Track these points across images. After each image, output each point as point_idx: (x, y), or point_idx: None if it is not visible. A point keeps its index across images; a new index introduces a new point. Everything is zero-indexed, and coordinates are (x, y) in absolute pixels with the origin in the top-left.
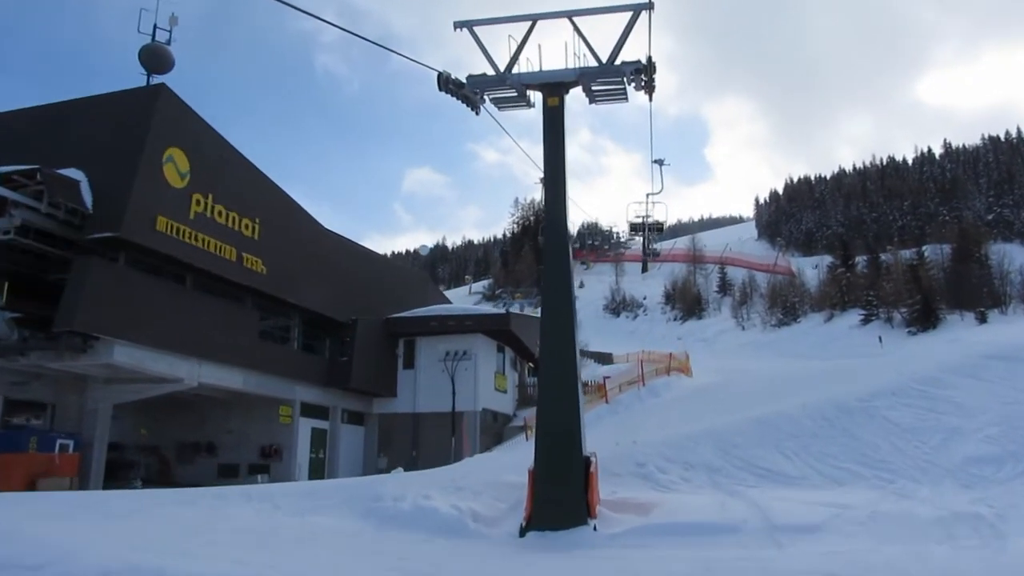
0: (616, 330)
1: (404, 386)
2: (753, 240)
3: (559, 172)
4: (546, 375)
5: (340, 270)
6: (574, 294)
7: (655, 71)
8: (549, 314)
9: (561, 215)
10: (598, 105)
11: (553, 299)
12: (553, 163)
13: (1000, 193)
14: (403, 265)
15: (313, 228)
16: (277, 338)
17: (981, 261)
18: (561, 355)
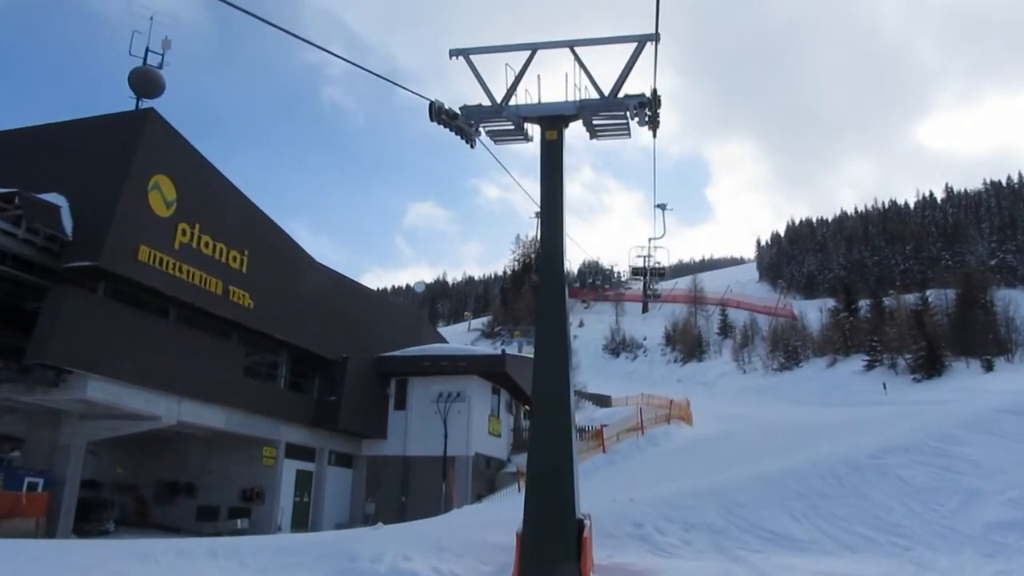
0: (615, 371)
1: (395, 428)
2: (754, 282)
3: (557, 209)
4: (538, 426)
5: (331, 306)
6: (570, 337)
7: (660, 105)
8: (543, 360)
9: (558, 254)
10: (599, 140)
11: (547, 343)
12: (550, 199)
13: (1003, 238)
14: (397, 302)
15: (304, 262)
16: (263, 375)
17: (986, 307)
18: (554, 405)
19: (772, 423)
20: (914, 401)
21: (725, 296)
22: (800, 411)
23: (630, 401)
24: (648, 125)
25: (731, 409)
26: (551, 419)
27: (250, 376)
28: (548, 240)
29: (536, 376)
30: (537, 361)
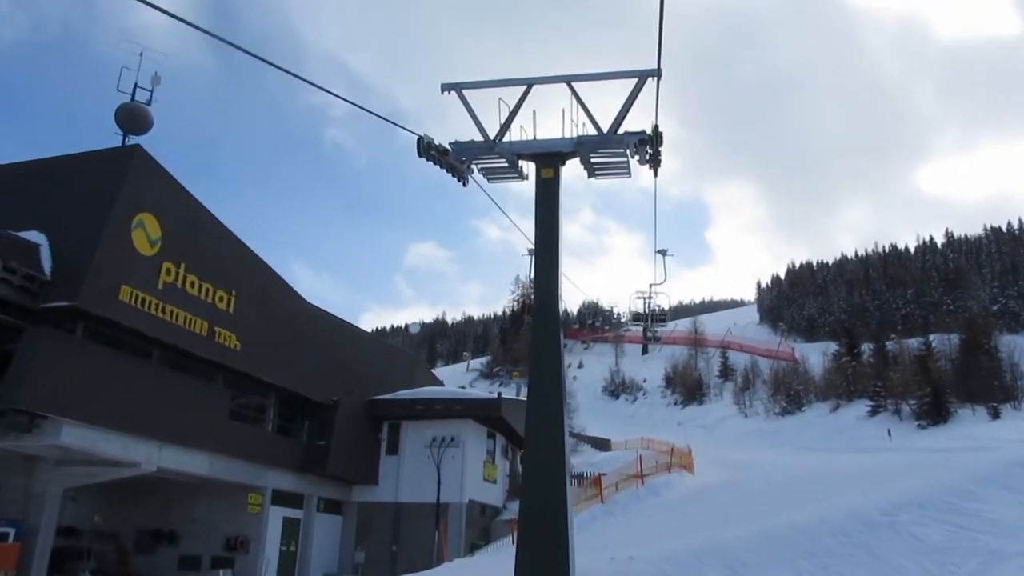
0: (615, 413)
1: (386, 473)
2: (755, 324)
3: (552, 250)
4: (531, 475)
5: (322, 347)
6: (565, 380)
7: (661, 143)
8: (536, 404)
9: (553, 295)
10: (598, 179)
11: (541, 387)
12: (546, 240)
13: (1005, 284)
14: (391, 344)
15: (294, 302)
16: (250, 419)
17: (991, 353)
18: (548, 452)
19: (777, 472)
20: (920, 449)
21: (725, 338)
22: (804, 457)
23: (630, 445)
24: (649, 164)
25: (733, 454)
26: (544, 467)
27: (236, 420)
28: (542, 282)
29: (529, 421)
30: (530, 405)
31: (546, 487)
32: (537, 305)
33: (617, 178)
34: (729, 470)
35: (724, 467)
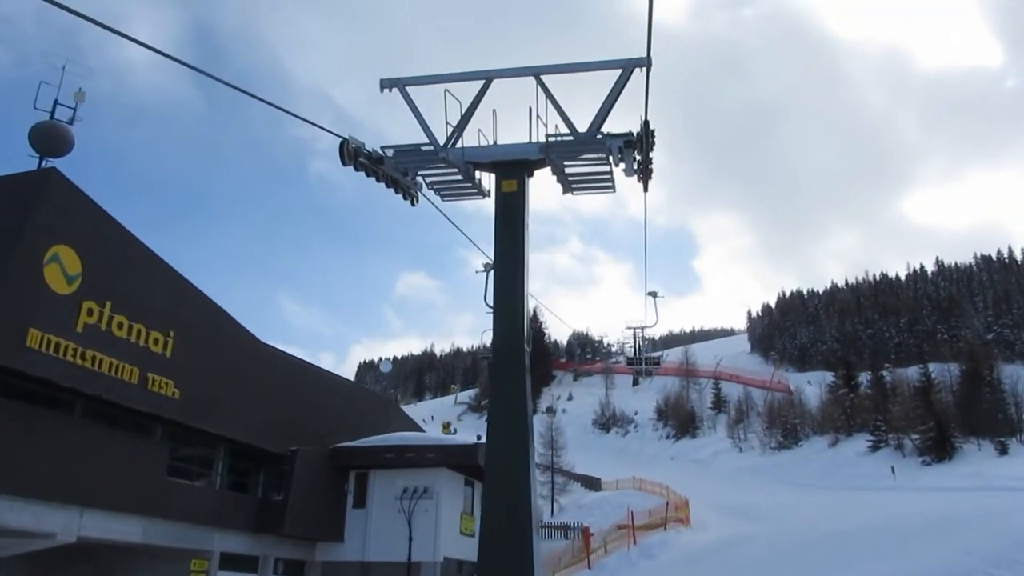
0: (605, 447)
1: (353, 529)
2: (746, 354)
3: (516, 275)
4: (490, 532)
5: (280, 392)
6: (531, 422)
7: (653, 147)
8: (497, 454)
9: (517, 332)
10: (576, 195)
11: (503, 433)
12: (509, 264)
13: (999, 313)
14: (360, 385)
15: (246, 342)
16: (194, 475)
17: (993, 385)
18: (512, 506)
19: (783, 523)
20: (927, 488)
21: (718, 369)
22: (805, 497)
23: (621, 485)
24: (637, 175)
25: (731, 495)
26: (507, 523)
27: (177, 477)
28: (505, 313)
29: (489, 475)
30: (490, 455)
31: (509, 541)
32: (497, 342)
33: (599, 193)
34: (729, 518)
35: (723, 512)
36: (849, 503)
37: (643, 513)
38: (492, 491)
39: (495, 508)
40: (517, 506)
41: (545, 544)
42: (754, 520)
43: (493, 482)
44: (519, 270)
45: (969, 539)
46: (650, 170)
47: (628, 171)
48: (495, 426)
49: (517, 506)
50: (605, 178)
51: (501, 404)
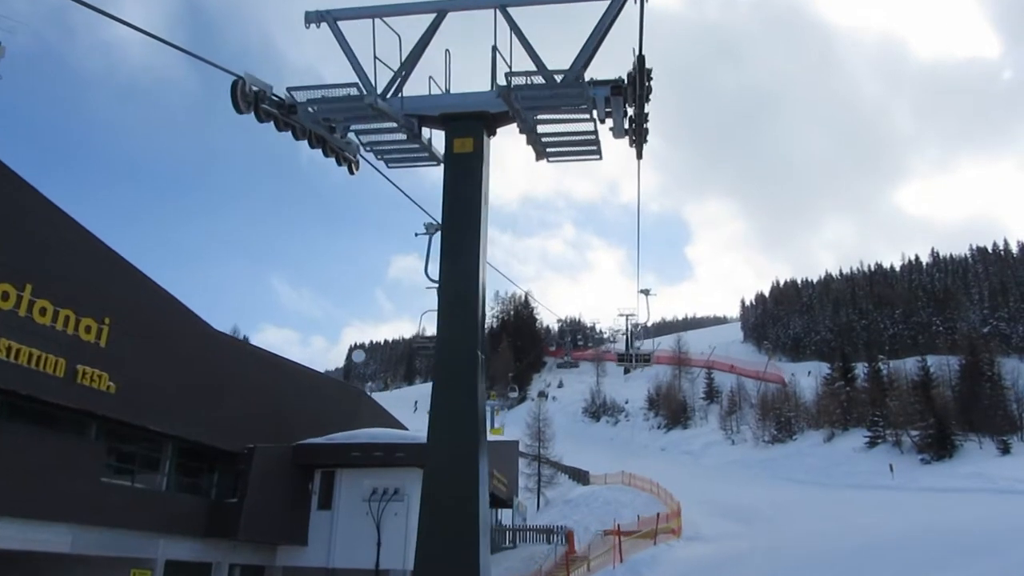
0: (595, 436)
1: (318, 532)
2: (739, 343)
3: (470, 264)
4: (427, 549)
5: (236, 384)
6: (484, 422)
7: (649, 95)
8: (440, 457)
9: (469, 329)
10: (552, 163)
11: (447, 436)
12: (459, 249)
13: (995, 306)
14: (328, 376)
15: (196, 330)
16: (137, 476)
17: (994, 380)
18: (457, 514)
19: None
20: (928, 488)
21: (710, 358)
22: (801, 495)
23: (610, 479)
24: (629, 135)
25: (724, 492)
26: (452, 535)
27: (116, 478)
28: (454, 305)
29: (429, 476)
30: (431, 456)
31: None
32: (445, 334)
33: (580, 159)
34: (724, 520)
35: (716, 513)
36: (849, 505)
37: (631, 514)
38: (432, 516)
39: (438, 512)
40: (465, 512)
41: (526, 549)
42: (751, 523)
43: (433, 511)
44: (473, 254)
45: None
46: (645, 129)
47: (618, 130)
48: (437, 447)
49: (465, 512)
50: (588, 140)
51: (445, 416)
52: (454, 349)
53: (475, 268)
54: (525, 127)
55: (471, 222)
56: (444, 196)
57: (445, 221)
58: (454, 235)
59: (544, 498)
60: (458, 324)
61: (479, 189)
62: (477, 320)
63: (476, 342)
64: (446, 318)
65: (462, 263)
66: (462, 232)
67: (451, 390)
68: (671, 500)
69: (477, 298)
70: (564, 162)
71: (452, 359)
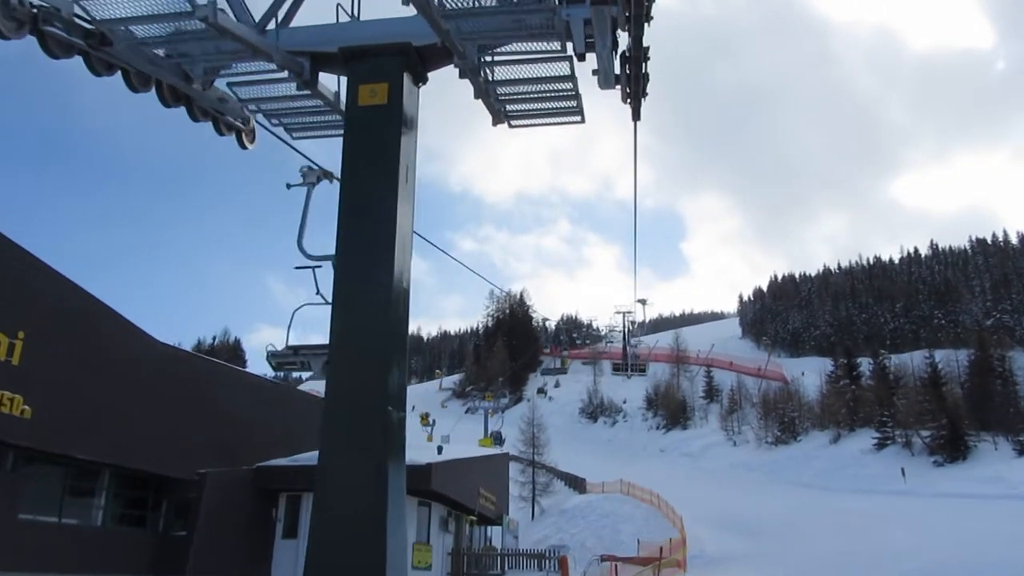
0: (592, 438)
1: (282, 564)
2: (737, 338)
3: (381, 258)
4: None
5: (184, 402)
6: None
7: (649, 22)
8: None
9: (380, 369)
10: (517, 129)
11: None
12: (365, 249)
13: (997, 298)
14: (295, 388)
15: (134, 342)
16: (64, 512)
17: (1005, 376)
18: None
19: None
20: (943, 494)
21: (710, 355)
22: (811, 502)
23: (608, 488)
24: (623, 87)
25: (728, 500)
26: None
27: (40, 516)
28: (358, 308)
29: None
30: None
31: None
32: (335, 390)
33: (554, 122)
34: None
35: (721, 526)
36: (865, 516)
37: (631, 529)
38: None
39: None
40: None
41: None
42: (760, 539)
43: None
44: (389, 247)
45: None
46: (645, 75)
47: (605, 79)
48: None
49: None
50: (564, 95)
51: (339, 466)
52: (352, 401)
53: (388, 261)
54: (467, 68)
55: (382, 210)
56: (343, 169)
57: (346, 198)
58: (357, 226)
59: (539, 507)
60: (360, 366)
61: (396, 161)
62: (395, 360)
63: (387, 392)
64: (343, 359)
65: (366, 254)
66: (368, 222)
67: (352, 433)
68: (673, 514)
69: (400, 308)
70: (533, 126)
71: (347, 416)
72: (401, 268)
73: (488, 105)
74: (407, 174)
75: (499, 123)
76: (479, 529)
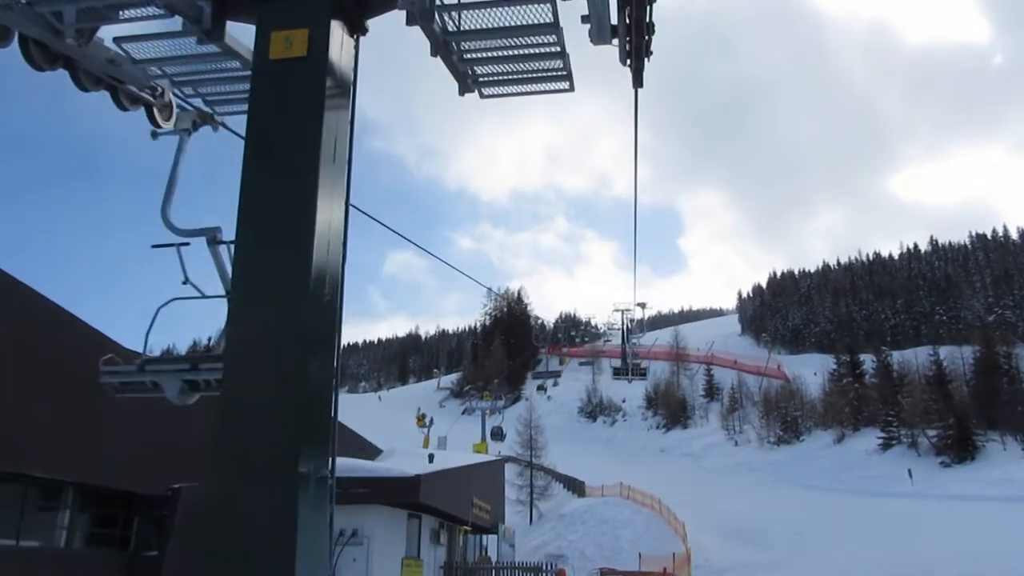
0: (592, 438)
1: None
2: (737, 336)
3: (299, 244)
4: None
5: (156, 413)
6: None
7: None
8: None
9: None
10: (489, 99)
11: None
12: (291, 217)
13: (999, 294)
14: None
15: (94, 348)
16: (24, 532)
17: (1012, 374)
18: None
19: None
20: (956, 496)
21: (710, 353)
22: (817, 506)
23: (607, 491)
24: (621, 45)
25: (732, 504)
26: None
27: None
28: (271, 299)
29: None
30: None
31: None
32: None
33: (535, 90)
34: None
35: (727, 533)
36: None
37: (631, 536)
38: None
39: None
40: None
41: None
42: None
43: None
44: (307, 240)
45: None
46: (650, 24)
47: (598, 28)
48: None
49: None
50: (547, 51)
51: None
52: (250, 428)
53: (304, 279)
54: (417, 11)
55: (296, 197)
56: (247, 142)
57: (248, 187)
58: (263, 216)
59: (537, 510)
60: (262, 385)
61: (318, 132)
62: (314, 386)
63: (302, 417)
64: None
65: (279, 266)
66: (278, 210)
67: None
68: (675, 520)
69: (315, 346)
70: (510, 95)
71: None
72: (323, 265)
73: (450, 66)
74: (335, 149)
75: (467, 91)
76: (474, 538)
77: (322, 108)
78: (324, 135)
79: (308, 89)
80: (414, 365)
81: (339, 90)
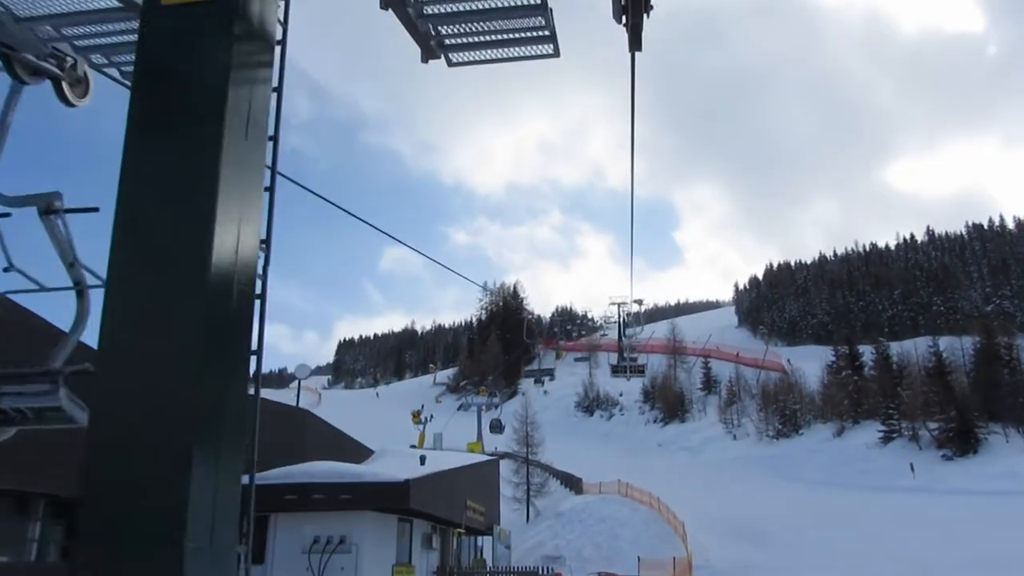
0: (589, 432)
1: None
2: (733, 328)
3: (202, 223)
4: None
5: None
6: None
7: None
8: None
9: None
10: (458, 67)
11: None
12: (187, 202)
13: (997, 284)
14: (261, 401)
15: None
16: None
17: (1013, 365)
18: None
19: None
20: (958, 491)
21: (707, 346)
22: (819, 501)
23: (605, 488)
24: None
25: (731, 500)
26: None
27: None
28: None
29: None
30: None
31: None
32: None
33: (514, 55)
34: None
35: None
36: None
37: (630, 535)
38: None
39: None
40: None
41: None
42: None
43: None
44: (208, 231)
45: None
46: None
47: None
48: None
49: None
50: (524, 4)
51: None
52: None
53: (203, 274)
54: None
55: (193, 176)
56: (131, 110)
57: (130, 161)
58: (150, 194)
59: (534, 508)
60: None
61: (222, 99)
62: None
63: None
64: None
65: (173, 258)
66: (169, 193)
67: None
68: (674, 519)
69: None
70: (484, 61)
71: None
72: (229, 258)
73: (407, 23)
74: (247, 121)
75: (432, 57)
76: (468, 540)
77: (228, 68)
78: (228, 101)
79: (211, 46)
80: (410, 360)
81: (256, 45)
